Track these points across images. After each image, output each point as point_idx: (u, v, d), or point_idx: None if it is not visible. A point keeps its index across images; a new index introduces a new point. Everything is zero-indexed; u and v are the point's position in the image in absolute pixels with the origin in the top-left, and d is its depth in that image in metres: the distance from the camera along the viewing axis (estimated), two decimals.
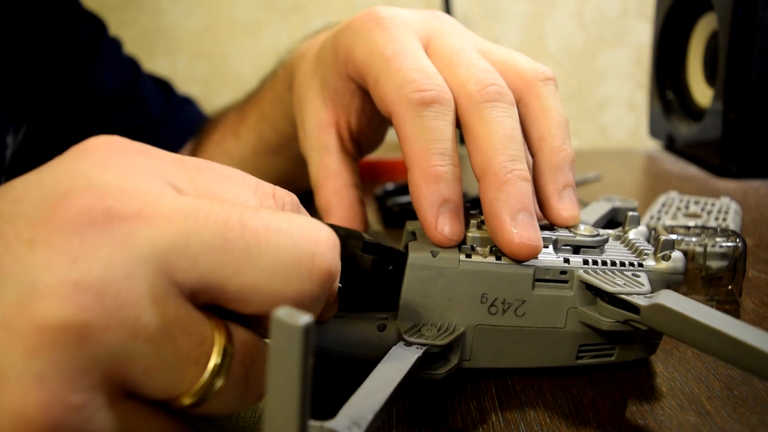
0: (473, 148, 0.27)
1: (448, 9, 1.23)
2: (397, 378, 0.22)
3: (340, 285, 0.29)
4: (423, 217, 0.27)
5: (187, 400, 0.18)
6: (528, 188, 0.26)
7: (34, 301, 0.16)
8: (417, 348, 0.24)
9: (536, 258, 0.26)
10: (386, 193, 0.55)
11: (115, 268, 0.16)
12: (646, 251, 0.28)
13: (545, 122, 0.30)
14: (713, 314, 0.22)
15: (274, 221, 0.19)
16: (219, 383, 0.18)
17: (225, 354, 0.18)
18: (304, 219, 0.20)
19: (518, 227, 0.26)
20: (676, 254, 0.27)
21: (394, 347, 0.25)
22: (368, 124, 0.36)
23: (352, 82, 0.33)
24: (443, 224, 0.26)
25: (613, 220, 0.40)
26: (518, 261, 0.26)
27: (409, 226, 0.30)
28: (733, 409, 0.25)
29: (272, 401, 0.16)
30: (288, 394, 0.15)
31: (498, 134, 0.27)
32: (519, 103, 0.30)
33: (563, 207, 0.29)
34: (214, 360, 0.18)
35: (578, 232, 0.28)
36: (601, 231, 0.29)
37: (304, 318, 0.15)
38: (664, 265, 0.27)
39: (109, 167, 0.19)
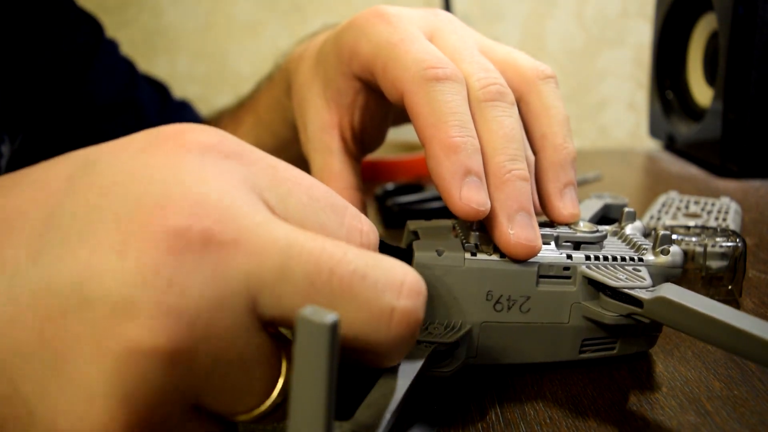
0: None
1: (448, 9, 1.23)
2: (411, 377, 0.22)
3: None
4: (445, 189, 0.26)
5: (245, 417, 0.18)
6: (527, 188, 0.26)
7: (127, 321, 0.15)
8: (425, 346, 0.25)
9: (535, 257, 0.26)
10: (386, 193, 0.55)
11: (208, 298, 0.16)
12: (644, 246, 0.28)
13: (547, 120, 0.30)
14: (715, 306, 0.23)
15: (360, 267, 0.18)
16: (278, 403, 0.18)
17: (287, 378, 0.18)
18: (389, 263, 0.19)
19: (515, 228, 0.26)
20: (675, 248, 0.28)
21: None
22: (371, 124, 0.36)
23: (356, 80, 0.33)
24: (468, 195, 0.25)
25: (605, 216, 0.40)
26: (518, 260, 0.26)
27: (411, 225, 0.30)
28: (733, 409, 0.25)
29: (297, 401, 0.15)
30: (314, 393, 0.15)
31: (497, 133, 0.27)
32: (520, 102, 0.30)
33: (564, 205, 0.29)
34: (279, 385, 0.18)
35: (578, 228, 0.28)
36: (600, 227, 0.29)
37: (330, 316, 0.15)
38: (663, 259, 0.28)
39: (205, 173, 0.18)
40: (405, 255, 0.28)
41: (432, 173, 0.26)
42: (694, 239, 0.35)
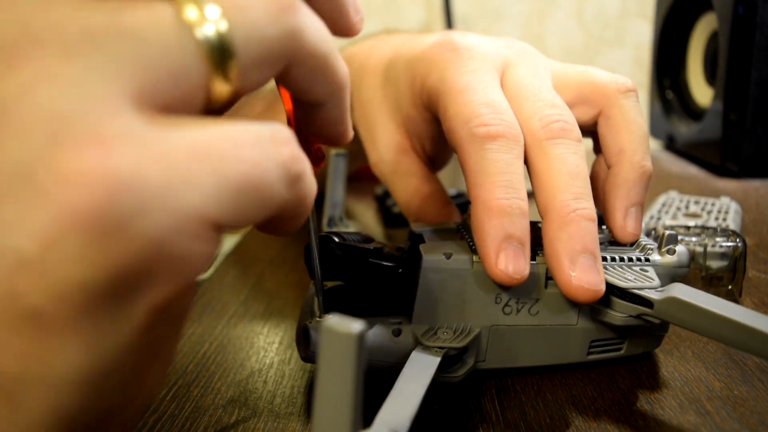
0: (536, 185, 0.27)
1: (448, 9, 1.23)
2: (425, 382, 0.22)
3: (351, 291, 0.29)
4: (483, 252, 0.25)
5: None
6: (592, 228, 0.26)
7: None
8: (436, 351, 0.25)
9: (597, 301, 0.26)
10: (386, 193, 0.55)
11: None
12: (649, 246, 0.28)
13: (627, 136, 0.29)
14: (726, 304, 0.23)
15: None
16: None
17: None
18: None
19: (577, 270, 0.25)
20: (680, 248, 0.28)
21: (414, 352, 0.25)
22: (441, 149, 0.36)
23: (427, 111, 0.33)
24: (505, 262, 0.25)
25: (601, 217, 0.40)
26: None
27: (414, 227, 0.30)
28: (733, 409, 0.25)
29: (322, 412, 0.15)
30: (340, 405, 0.15)
31: (561, 171, 0.26)
32: (600, 116, 0.30)
33: (627, 225, 0.29)
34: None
35: None
36: (604, 227, 0.29)
37: (357, 325, 0.14)
38: (669, 259, 0.28)
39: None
40: (408, 259, 0.28)
41: (473, 232, 0.26)
42: (694, 239, 0.35)
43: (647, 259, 0.28)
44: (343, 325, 0.14)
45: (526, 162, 0.28)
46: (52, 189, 0.13)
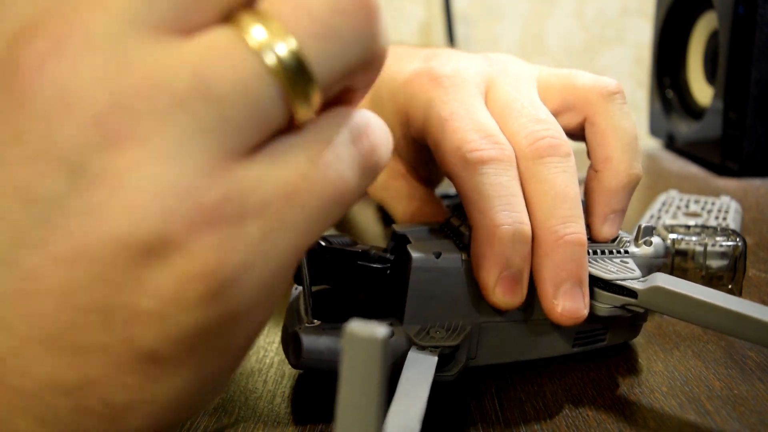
0: (528, 207, 0.26)
1: (448, 8, 1.23)
2: (428, 382, 0.22)
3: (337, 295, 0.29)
4: (480, 278, 0.26)
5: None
6: (579, 252, 0.26)
7: None
8: (431, 350, 0.25)
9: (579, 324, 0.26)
10: None
11: None
12: (625, 239, 0.29)
13: (613, 142, 0.29)
14: (708, 291, 0.24)
15: None
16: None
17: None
18: None
19: (560, 298, 0.25)
20: (656, 239, 0.29)
21: (410, 353, 0.25)
22: (435, 171, 0.36)
23: (416, 141, 0.33)
24: (501, 291, 0.25)
25: None
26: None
27: (397, 228, 0.29)
28: (733, 409, 0.25)
29: (346, 420, 0.15)
30: (364, 412, 0.14)
31: (548, 195, 0.26)
32: (585, 122, 0.30)
33: (604, 230, 0.29)
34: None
35: None
36: None
37: (381, 330, 0.14)
38: (646, 250, 0.29)
39: None
40: (393, 257, 0.28)
41: (473, 256, 0.26)
42: (694, 238, 0.35)
43: (626, 251, 0.28)
44: (368, 330, 0.14)
45: None
46: (167, 256, 0.14)
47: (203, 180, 0.14)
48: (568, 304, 0.25)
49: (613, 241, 0.29)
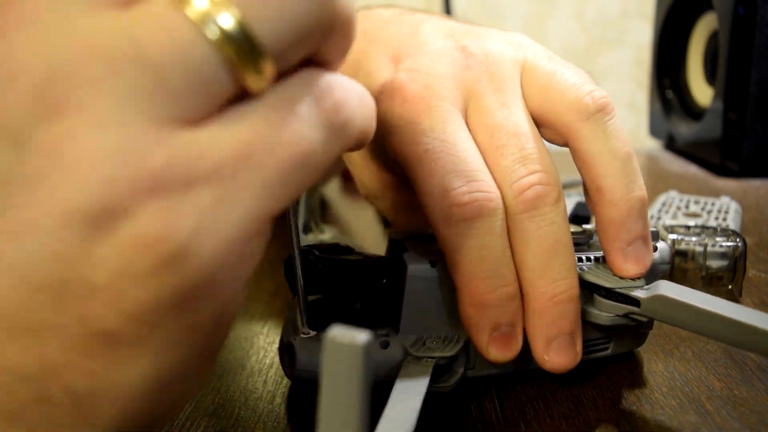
0: (516, 263, 0.25)
1: (448, 9, 1.23)
2: (421, 393, 0.22)
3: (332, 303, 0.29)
4: (474, 339, 0.25)
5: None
6: (571, 308, 0.25)
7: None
8: (426, 362, 0.24)
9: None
10: None
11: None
12: None
13: (601, 170, 0.25)
14: (713, 300, 0.24)
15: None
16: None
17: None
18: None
19: (551, 353, 0.25)
20: (662, 244, 0.28)
21: (405, 364, 0.24)
22: None
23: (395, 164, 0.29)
24: (494, 349, 0.25)
25: (578, 215, 0.40)
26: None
27: (392, 234, 0.29)
28: (733, 409, 0.25)
29: (326, 427, 0.14)
30: (345, 421, 0.14)
31: (537, 252, 0.24)
32: (568, 146, 0.27)
33: (626, 266, 0.26)
34: None
35: None
36: (585, 226, 0.29)
37: (362, 336, 0.14)
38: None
39: None
40: (389, 266, 0.27)
41: (461, 316, 0.25)
42: (694, 239, 0.35)
43: None
44: (348, 337, 0.14)
45: None
46: (113, 225, 0.14)
47: (145, 146, 0.14)
48: (558, 358, 0.25)
49: None
